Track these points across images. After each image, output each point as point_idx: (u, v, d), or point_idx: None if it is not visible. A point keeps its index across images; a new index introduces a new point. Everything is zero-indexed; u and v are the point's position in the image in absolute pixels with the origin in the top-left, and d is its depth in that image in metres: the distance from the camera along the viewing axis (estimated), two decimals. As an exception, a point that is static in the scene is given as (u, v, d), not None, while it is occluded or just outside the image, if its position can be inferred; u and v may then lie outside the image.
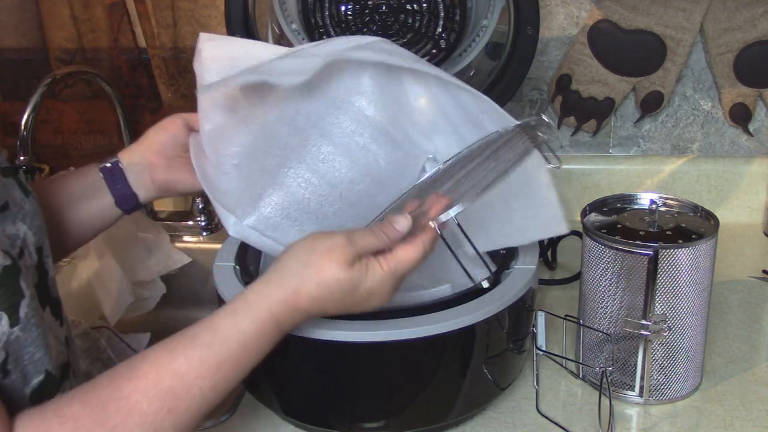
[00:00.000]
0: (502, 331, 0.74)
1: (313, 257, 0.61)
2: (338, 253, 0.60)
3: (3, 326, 0.54)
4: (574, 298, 0.87)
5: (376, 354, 0.70)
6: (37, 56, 1.30)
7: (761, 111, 1.21)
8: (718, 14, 1.14)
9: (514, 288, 0.74)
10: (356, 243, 0.61)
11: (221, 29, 1.11)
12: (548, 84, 1.23)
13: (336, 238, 0.61)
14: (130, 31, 1.27)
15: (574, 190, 1.24)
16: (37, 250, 0.63)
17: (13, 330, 0.55)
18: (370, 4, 0.94)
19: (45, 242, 0.65)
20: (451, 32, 0.96)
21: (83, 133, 1.33)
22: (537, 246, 0.82)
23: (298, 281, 0.60)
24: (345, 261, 0.60)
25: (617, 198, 0.85)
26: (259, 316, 0.59)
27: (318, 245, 0.61)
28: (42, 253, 0.64)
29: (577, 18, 1.19)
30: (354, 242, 0.61)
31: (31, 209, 0.63)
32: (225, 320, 0.59)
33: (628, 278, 0.77)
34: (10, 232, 0.60)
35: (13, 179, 0.63)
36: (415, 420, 0.74)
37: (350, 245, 0.61)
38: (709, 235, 0.76)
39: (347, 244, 0.61)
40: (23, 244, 0.61)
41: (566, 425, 0.77)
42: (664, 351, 0.79)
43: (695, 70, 1.20)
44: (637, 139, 1.25)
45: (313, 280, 0.60)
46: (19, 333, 0.55)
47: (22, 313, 0.56)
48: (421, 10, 0.94)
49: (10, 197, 0.61)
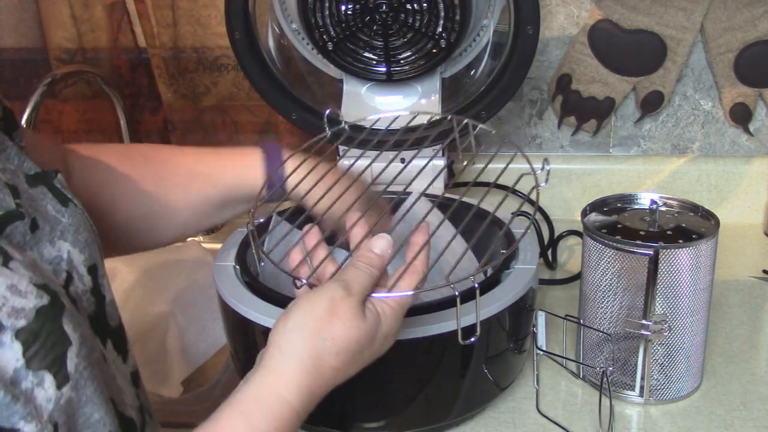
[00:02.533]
0: (502, 331, 0.74)
1: (320, 324, 0.52)
2: (343, 309, 0.53)
3: (48, 390, 0.42)
4: (574, 298, 0.87)
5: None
6: (37, 56, 1.30)
7: (761, 111, 1.21)
8: (719, 14, 1.14)
9: (514, 288, 0.74)
10: (354, 289, 0.54)
11: (221, 29, 1.11)
12: (548, 84, 1.23)
13: (331, 291, 0.53)
14: (130, 31, 1.27)
15: (574, 190, 1.24)
16: (89, 270, 0.53)
17: (62, 391, 0.43)
18: (371, 3, 0.94)
19: (98, 259, 0.54)
20: (452, 32, 0.95)
21: (83, 133, 1.33)
22: (537, 246, 0.82)
23: (314, 359, 0.52)
24: (355, 316, 0.53)
25: (617, 198, 0.85)
26: (277, 412, 0.50)
27: (317, 308, 0.53)
28: (97, 272, 0.53)
29: (578, 18, 1.19)
30: (351, 289, 0.53)
31: (72, 221, 0.52)
32: (236, 423, 0.49)
33: (628, 278, 0.77)
34: (50, 256, 0.49)
35: (45, 187, 0.53)
36: (415, 420, 0.74)
37: (349, 295, 0.53)
38: (710, 235, 0.76)
39: (347, 295, 0.53)
40: (70, 266, 0.51)
41: (566, 425, 0.77)
42: (664, 351, 0.79)
43: (695, 70, 1.20)
44: (638, 139, 1.25)
45: (331, 351, 0.52)
46: (70, 393, 0.44)
47: (71, 367, 0.44)
48: (422, 9, 0.94)
49: (39, 213, 0.50)
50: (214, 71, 1.27)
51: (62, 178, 0.55)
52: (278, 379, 0.51)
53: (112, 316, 0.56)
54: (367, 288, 0.55)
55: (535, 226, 1.09)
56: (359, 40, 0.98)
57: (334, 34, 0.97)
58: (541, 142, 1.26)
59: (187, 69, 1.27)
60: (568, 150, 1.26)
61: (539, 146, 1.26)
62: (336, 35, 0.97)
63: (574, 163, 1.24)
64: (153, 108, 1.31)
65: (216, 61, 1.26)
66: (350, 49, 0.99)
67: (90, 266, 0.53)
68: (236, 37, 1.01)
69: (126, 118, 1.23)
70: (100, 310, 0.53)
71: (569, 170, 1.23)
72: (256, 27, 1.03)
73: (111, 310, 0.55)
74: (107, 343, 0.53)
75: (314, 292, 0.54)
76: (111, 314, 0.55)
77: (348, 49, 0.99)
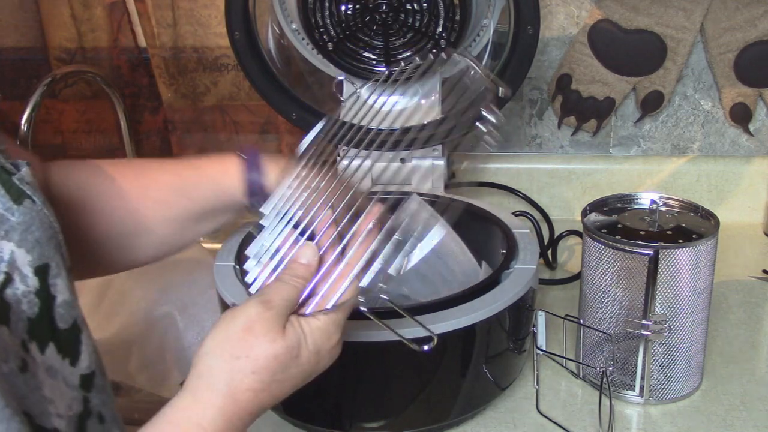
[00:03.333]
0: (503, 331, 0.74)
1: (235, 344, 0.50)
2: (261, 326, 0.50)
3: None
4: (574, 298, 0.87)
5: (376, 354, 0.70)
6: (37, 56, 1.30)
7: (761, 111, 1.21)
8: (719, 14, 1.14)
9: (515, 288, 0.74)
10: (274, 304, 0.52)
11: (221, 29, 1.11)
12: (548, 84, 1.23)
13: (249, 308, 0.51)
14: (130, 31, 1.27)
15: (574, 190, 1.24)
16: (37, 271, 0.51)
17: None
18: (371, 3, 0.94)
19: (54, 258, 0.52)
20: (452, 32, 0.96)
21: (83, 132, 1.33)
22: (537, 246, 0.82)
23: (228, 380, 0.49)
24: (271, 331, 0.50)
25: (617, 198, 0.85)
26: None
27: (232, 326, 0.51)
28: (47, 272, 0.52)
29: (578, 18, 1.19)
30: (271, 304, 0.51)
31: (23, 219, 0.50)
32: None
33: (628, 278, 0.77)
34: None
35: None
36: (415, 420, 0.74)
37: (268, 310, 0.51)
38: (710, 234, 0.76)
39: (264, 310, 0.51)
40: (10, 267, 0.49)
41: (566, 425, 0.77)
42: (664, 351, 0.79)
43: (695, 70, 1.20)
44: (638, 139, 1.25)
45: (246, 370, 0.50)
46: None
47: None
48: (422, 9, 0.94)
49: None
50: (214, 71, 1.27)
51: (28, 172, 0.53)
52: (195, 405, 0.49)
53: (63, 318, 0.53)
54: (290, 301, 0.53)
55: (535, 226, 1.09)
56: (359, 40, 0.98)
57: (334, 34, 0.97)
58: (541, 142, 1.26)
59: (187, 69, 1.27)
60: (568, 150, 1.26)
61: (539, 146, 1.26)
62: (336, 35, 0.97)
63: (574, 163, 1.24)
64: (153, 108, 1.31)
65: (216, 61, 1.26)
66: (350, 49, 0.99)
67: (39, 266, 0.51)
68: (236, 37, 1.01)
69: (126, 118, 1.23)
70: (47, 312, 0.51)
71: (569, 170, 1.23)
72: (256, 27, 1.03)
73: (63, 311, 0.53)
74: (48, 347, 0.51)
75: (233, 309, 0.52)
76: (62, 315, 0.53)
77: (348, 49, 0.99)
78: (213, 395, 0.49)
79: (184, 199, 0.71)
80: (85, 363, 0.55)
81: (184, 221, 0.72)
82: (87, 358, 0.55)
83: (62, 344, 0.52)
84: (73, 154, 1.34)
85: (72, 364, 0.53)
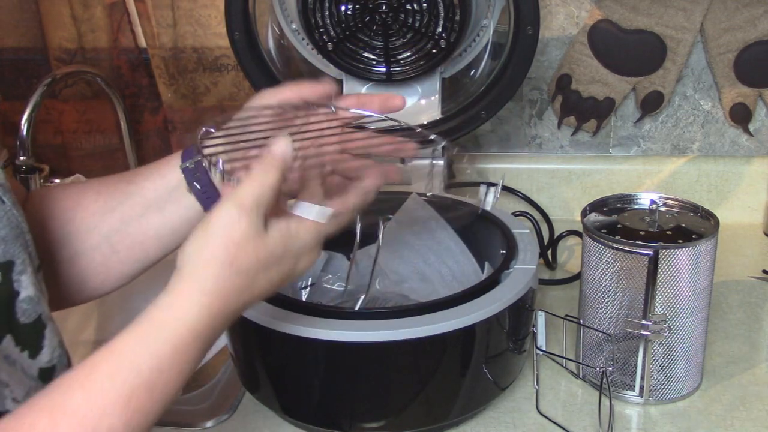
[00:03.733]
0: (502, 331, 0.74)
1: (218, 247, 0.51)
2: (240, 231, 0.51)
3: None
4: (574, 298, 0.87)
5: (376, 354, 0.70)
6: (37, 56, 1.30)
7: (761, 111, 1.21)
8: (719, 14, 1.14)
9: (514, 288, 0.74)
10: (247, 205, 0.51)
11: (221, 29, 1.11)
12: (548, 84, 1.23)
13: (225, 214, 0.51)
14: (130, 31, 1.27)
15: (574, 190, 1.24)
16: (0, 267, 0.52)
17: None
18: (371, 3, 0.94)
19: (19, 255, 0.54)
20: (451, 32, 0.96)
21: (83, 133, 1.33)
22: (537, 246, 0.82)
23: (215, 280, 0.51)
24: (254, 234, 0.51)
25: (617, 198, 0.85)
26: (174, 335, 0.49)
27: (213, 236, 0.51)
28: (12, 269, 0.53)
29: (577, 18, 1.19)
30: (244, 206, 0.51)
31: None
32: (131, 345, 0.49)
33: (628, 278, 0.77)
34: None
35: None
36: (415, 420, 0.74)
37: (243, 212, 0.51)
38: (709, 235, 0.76)
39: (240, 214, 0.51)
40: None
41: (566, 425, 0.77)
42: (664, 351, 0.79)
43: (695, 70, 1.20)
44: (638, 139, 1.25)
45: (231, 272, 0.51)
46: None
47: None
48: (421, 9, 0.94)
49: None
50: (214, 71, 1.27)
51: (1, 174, 0.53)
52: (177, 301, 0.51)
53: (26, 313, 0.54)
54: (264, 197, 0.52)
55: (535, 226, 1.09)
56: (359, 41, 0.98)
57: (334, 34, 0.97)
58: (541, 142, 1.26)
59: (187, 69, 1.27)
60: (568, 150, 1.26)
61: (539, 146, 1.26)
62: (336, 35, 0.97)
63: (574, 163, 1.24)
64: (153, 108, 1.31)
65: (216, 61, 1.26)
66: (350, 50, 0.99)
67: (2, 263, 0.52)
68: (236, 37, 1.01)
69: (126, 118, 1.23)
70: (6, 306, 0.53)
71: (569, 170, 1.23)
72: (256, 27, 1.03)
73: (27, 307, 0.54)
74: (5, 338, 0.52)
75: (211, 214, 0.52)
76: (25, 311, 0.54)
77: (348, 50, 0.99)
78: (195, 292, 0.51)
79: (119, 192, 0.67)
80: (46, 357, 0.56)
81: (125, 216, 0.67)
82: (49, 354, 0.56)
83: (21, 337, 0.54)
84: (73, 154, 1.34)
85: (31, 357, 0.55)
